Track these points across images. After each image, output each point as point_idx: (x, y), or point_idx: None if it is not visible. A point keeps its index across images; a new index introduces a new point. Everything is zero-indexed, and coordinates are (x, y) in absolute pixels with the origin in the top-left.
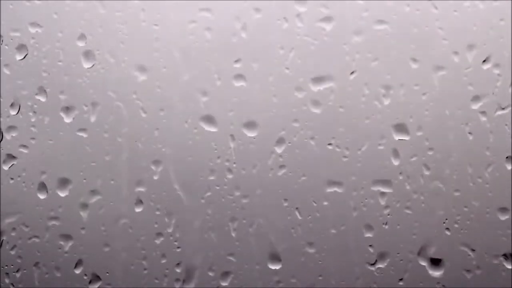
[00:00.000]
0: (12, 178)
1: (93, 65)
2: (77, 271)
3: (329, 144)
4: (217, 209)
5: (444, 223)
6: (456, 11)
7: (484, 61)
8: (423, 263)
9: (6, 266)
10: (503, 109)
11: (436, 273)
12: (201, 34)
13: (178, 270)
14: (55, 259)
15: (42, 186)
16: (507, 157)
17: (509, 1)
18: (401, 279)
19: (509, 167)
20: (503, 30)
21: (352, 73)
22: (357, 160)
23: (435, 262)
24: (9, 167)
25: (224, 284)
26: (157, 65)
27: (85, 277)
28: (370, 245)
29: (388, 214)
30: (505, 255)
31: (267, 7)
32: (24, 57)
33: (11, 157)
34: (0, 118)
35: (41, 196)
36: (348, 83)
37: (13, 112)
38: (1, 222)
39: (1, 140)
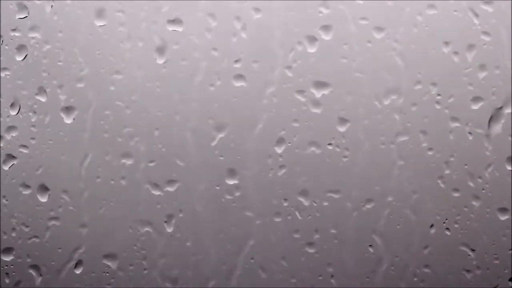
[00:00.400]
0: (12, 179)
1: (93, 65)
2: (77, 271)
3: (329, 144)
4: (217, 209)
5: (444, 223)
6: (456, 11)
7: (483, 62)
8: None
9: (6, 266)
10: (503, 109)
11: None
12: (201, 34)
13: (178, 270)
14: (55, 259)
15: (42, 187)
16: (507, 157)
17: (509, 1)
18: (401, 279)
19: (509, 167)
20: (503, 30)
21: (352, 73)
22: (357, 160)
23: None
24: (9, 167)
25: (224, 284)
26: (157, 65)
27: None
28: (370, 245)
29: (390, 215)
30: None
31: (267, 7)
32: (25, 57)
33: (11, 157)
34: (0, 118)
35: (41, 197)
36: (348, 83)
37: (13, 112)
38: (1, 222)
39: None
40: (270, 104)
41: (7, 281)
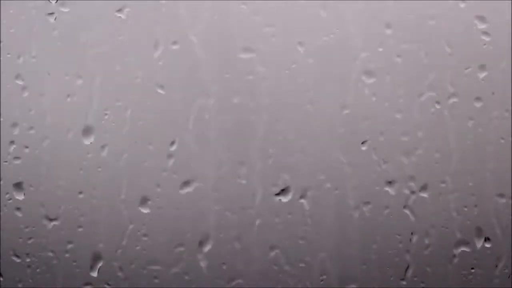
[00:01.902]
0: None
1: (93, 66)
2: (78, 272)
3: (329, 144)
4: (217, 209)
5: (444, 223)
6: (455, 11)
7: (483, 62)
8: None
9: (7, 266)
10: (503, 109)
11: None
12: (202, 35)
13: (178, 270)
14: (55, 259)
15: (42, 187)
16: (507, 158)
17: (509, 1)
18: (402, 279)
19: (509, 168)
20: (503, 30)
21: (352, 73)
22: (356, 160)
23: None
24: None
25: (227, 285)
26: (158, 66)
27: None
28: (370, 245)
29: (390, 215)
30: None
31: (268, 8)
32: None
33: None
34: (0, 118)
35: (41, 197)
36: (348, 83)
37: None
38: (1, 222)
39: None
40: (270, 104)
41: (7, 281)
